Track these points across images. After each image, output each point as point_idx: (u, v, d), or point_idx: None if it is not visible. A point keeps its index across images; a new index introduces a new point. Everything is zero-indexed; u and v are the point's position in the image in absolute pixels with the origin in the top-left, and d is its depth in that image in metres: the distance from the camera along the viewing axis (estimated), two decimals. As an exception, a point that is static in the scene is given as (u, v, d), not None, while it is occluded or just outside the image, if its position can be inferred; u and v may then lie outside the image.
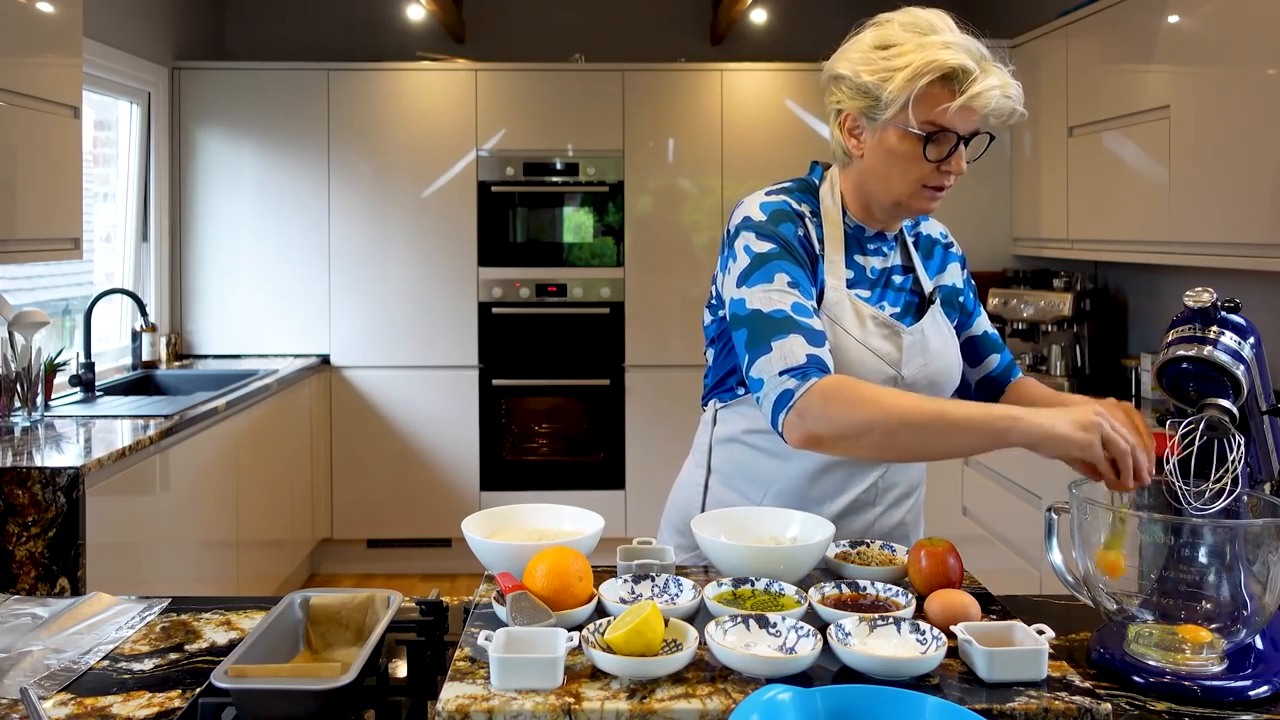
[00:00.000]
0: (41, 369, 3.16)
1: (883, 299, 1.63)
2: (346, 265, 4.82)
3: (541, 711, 1.03)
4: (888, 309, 1.62)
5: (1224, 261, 2.81)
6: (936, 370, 1.62)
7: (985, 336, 1.77)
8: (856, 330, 1.57)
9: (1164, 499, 1.28)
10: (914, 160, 1.52)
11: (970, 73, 1.46)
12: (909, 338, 1.60)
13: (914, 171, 1.54)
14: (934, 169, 1.53)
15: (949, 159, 1.51)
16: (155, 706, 1.18)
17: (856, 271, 1.62)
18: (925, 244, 1.74)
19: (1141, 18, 3.17)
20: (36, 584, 2.54)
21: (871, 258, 1.64)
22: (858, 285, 1.61)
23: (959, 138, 1.51)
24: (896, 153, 1.53)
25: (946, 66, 1.46)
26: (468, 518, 1.45)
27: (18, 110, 2.84)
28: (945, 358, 1.64)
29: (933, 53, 1.47)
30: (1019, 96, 1.51)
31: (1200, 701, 1.17)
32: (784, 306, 1.50)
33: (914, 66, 1.47)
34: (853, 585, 1.31)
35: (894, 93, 1.49)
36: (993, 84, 1.47)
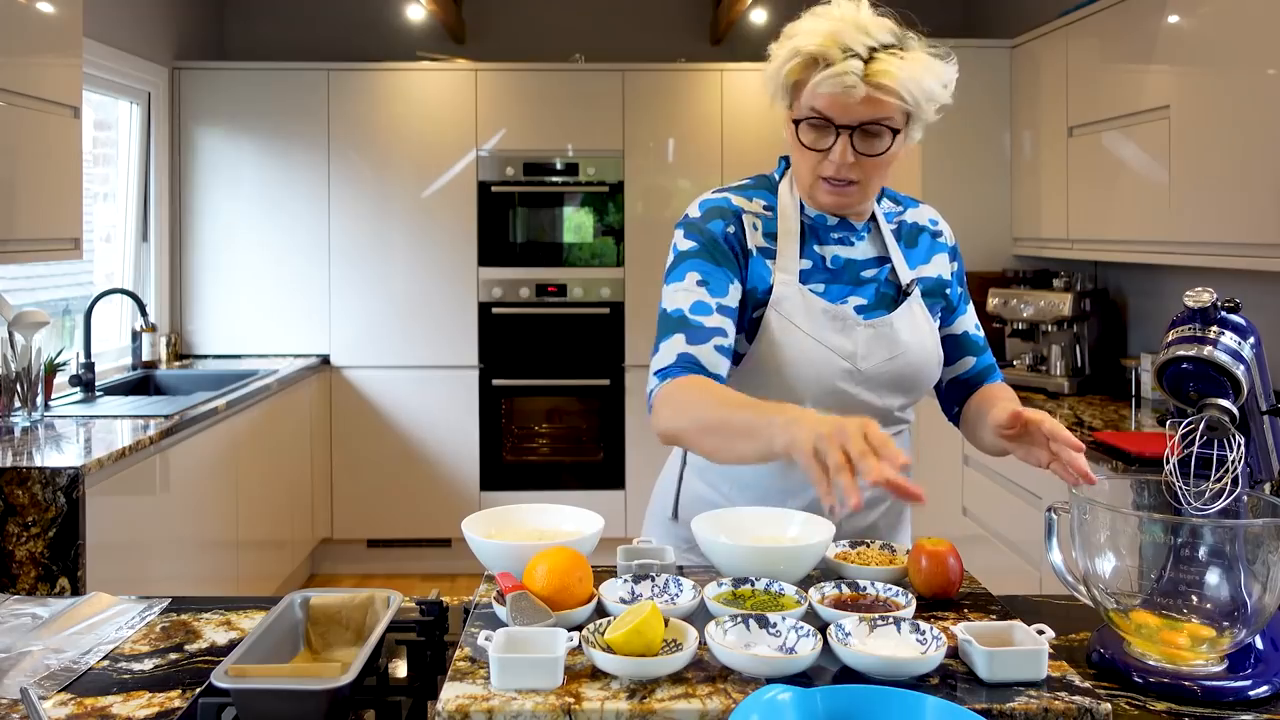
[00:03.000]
0: (41, 369, 3.16)
1: (850, 291, 1.58)
2: (346, 265, 4.82)
3: (541, 711, 1.03)
4: (853, 300, 1.57)
5: (1224, 261, 2.81)
6: (906, 365, 1.57)
7: (965, 337, 1.69)
8: (806, 324, 1.53)
9: (1164, 499, 1.28)
10: (799, 147, 1.52)
11: (828, 58, 1.43)
12: (868, 331, 1.55)
13: (805, 160, 1.52)
14: (820, 157, 1.49)
15: (832, 149, 1.48)
16: (155, 706, 1.18)
17: (815, 262, 1.58)
18: (909, 232, 1.66)
19: (1141, 18, 3.17)
20: (36, 584, 2.54)
21: (834, 247, 1.59)
22: (814, 278, 1.57)
23: (837, 127, 1.46)
24: (790, 141, 1.53)
25: (803, 53, 1.46)
26: (468, 518, 1.45)
27: (18, 110, 2.84)
28: (918, 352, 1.58)
29: (801, 40, 1.46)
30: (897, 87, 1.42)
31: (1200, 701, 1.17)
32: (682, 306, 1.51)
33: (782, 56, 1.48)
34: (853, 585, 1.31)
35: (774, 78, 1.51)
36: (846, 69, 1.41)
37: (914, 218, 1.68)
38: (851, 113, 1.45)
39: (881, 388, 1.57)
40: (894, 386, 1.58)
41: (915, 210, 1.70)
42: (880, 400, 1.58)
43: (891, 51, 1.45)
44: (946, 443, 3.96)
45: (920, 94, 1.45)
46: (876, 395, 1.57)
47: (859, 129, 1.47)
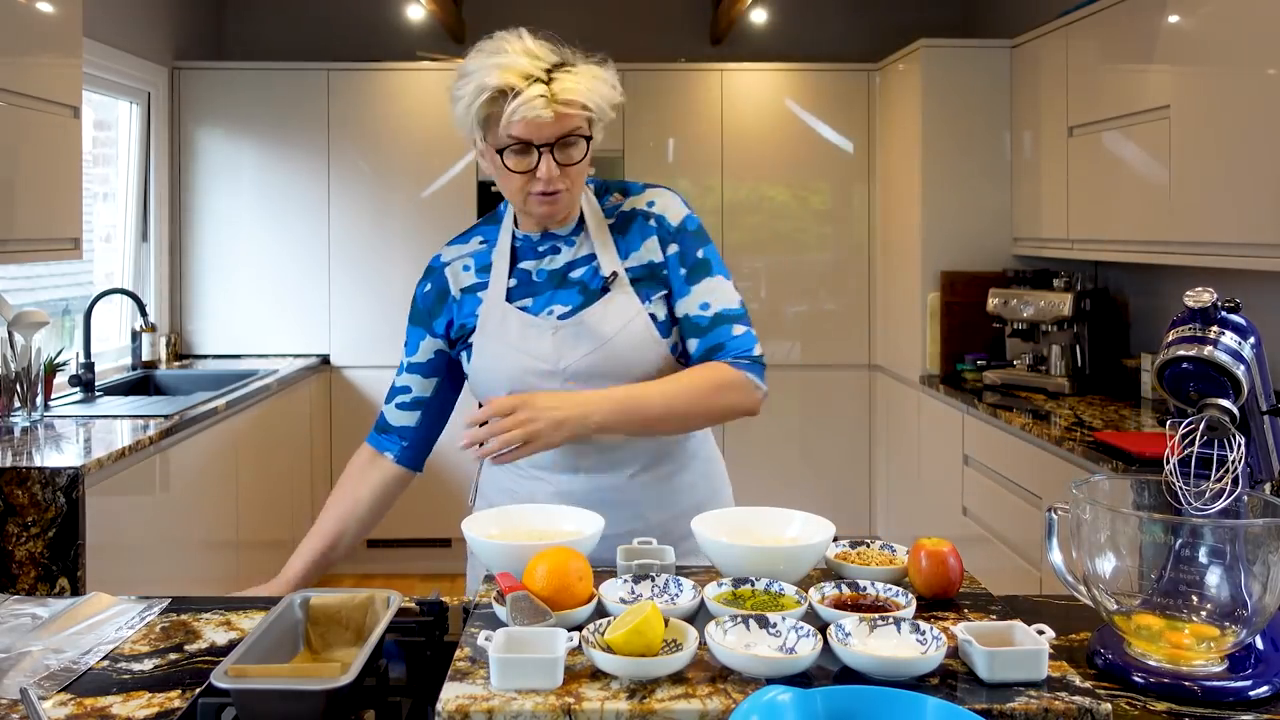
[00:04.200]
0: (41, 369, 3.16)
1: (555, 299, 1.69)
2: (346, 265, 4.82)
3: (541, 711, 1.03)
4: (558, 308, 1.68)
5: (1224, 261, 2.80)
6: (606, 356, 1.66)
7: (686, 320, 1.70)
8: (512, 337, 1.68)
9: (1164, 499, 1.28)
10: (507, 173, 1.62)
11: (515, 89, 1.55)
12: (563, 332, 1.67)
13: (512, 182, 1.63)
14: (528, 178, 1.61)
15: (538, 167, 1.59)
16: (155, 706, 1.18)
17: (520, 279, 1.72)
18: (624, 220, 1.73)
19: (1141, 18, 3.17)
20: (36, 584, 2.54)
21: (541, 260, 1.72)
22: (519, 294, 1.71)
23: (537, 147, 1.58)
24: (496, 168, 1.63)
25: (489, 88, 1.56)
26: (468, 518, 1.46)
27: (18, 110, 2.84)
28: (623, 339, 1.66)
29: (482, 76, 1.57)
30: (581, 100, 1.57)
31: (1200, 701, 1.17)
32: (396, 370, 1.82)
33: (467, 96, 1.58)
34: (853, 585, 1.31)
35: (463, 118, 1.61)
36: (534, 94, 1.54)
37: (632, 205, 1.75)
38: (546, 131, 1.58)
39: (590, 380, 1.66)
40: (601, 376, 1.66)
41: (638, 196, 1.76)
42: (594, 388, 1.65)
43: (564, 69, 1.59)
44: (946, 442, 3.96)
45: (601, 100, 1.61)
46: (589, 385, 1.66)
47: (557, 144, 1.59)
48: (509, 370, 1.69)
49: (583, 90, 1.58)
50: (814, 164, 4.96)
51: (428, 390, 1.80)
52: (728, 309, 1.70)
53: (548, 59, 1.59)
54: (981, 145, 4.24)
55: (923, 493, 4.25)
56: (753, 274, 4.96)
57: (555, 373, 1.66)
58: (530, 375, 1.67)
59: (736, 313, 1.70)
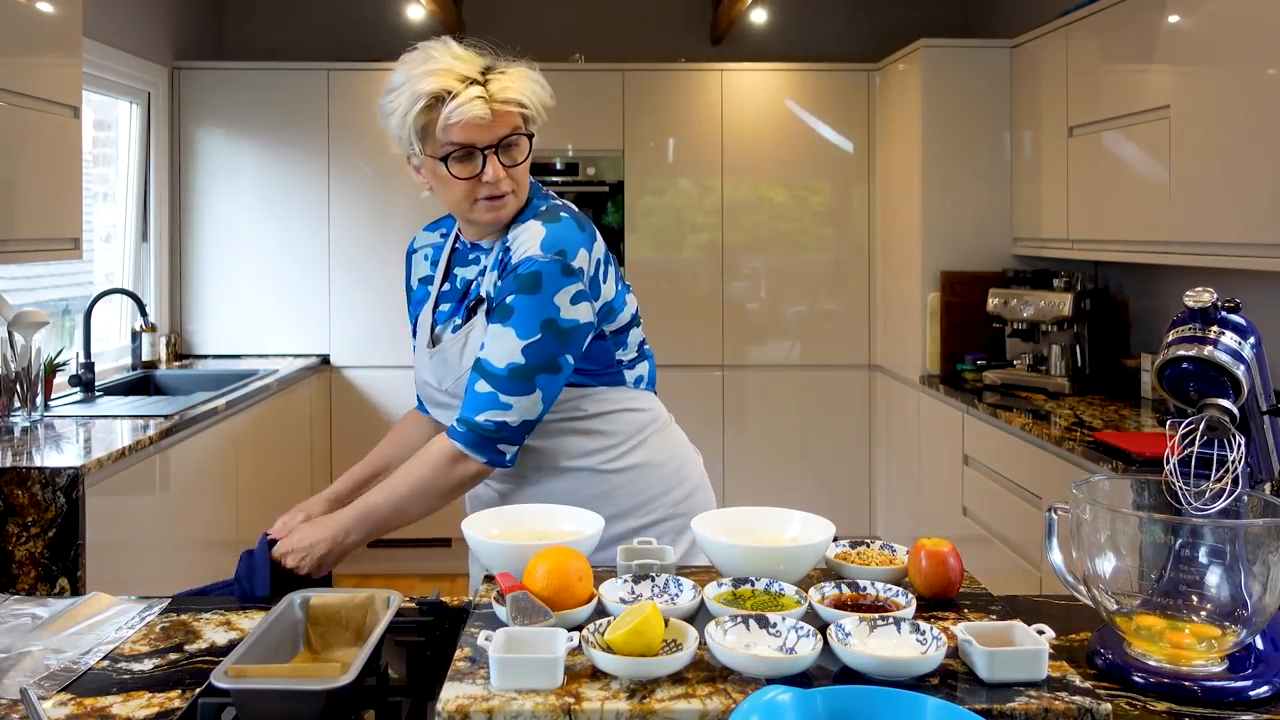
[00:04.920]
0: (41, 369, 3.16)
1: (454, 313, 1.73)
2: (346, 265, 4.82)
3: (541, 711, 1.03)
4: (455, 321, 1.71)
5: (1224, 261, 2.80)
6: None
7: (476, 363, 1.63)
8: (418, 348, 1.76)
9: (1164, 499, 1.28)
10: (451, 181, 1.60)
11: (451, 92, 1.54)
12: (436, 356, 1.70)
13: (458, 190, 1.61)
14: (475, 183, 1.59)
15: (484, 170, 1.58)
16: (155, 706, 1.18)
17: (451, 285, 1.75)
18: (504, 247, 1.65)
19: (1141, 18, 3.17)
20: (36, 584, 2.54)
21: (466, 268, 1.74)
22: (445, 299, 1.75)
23: (481, 150, 1.57)
24: (439, 177, 1.61)
25: (424, 94, 1.55)
26: (468, 518, 1.46)
27: (18, 110, 2.84)
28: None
29: (414, 85, 1.56)
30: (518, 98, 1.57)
31: (1200, 701, 1.17)
32: None
33: (402, 106, 1.56)
34: (853, 585, 1.31)
35: (399, 130, 1.59)
36: (471, 95, 1.54)
37: (513, 231, 1.65)
38: (487, 133, 1.57)
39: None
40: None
41: (520, 224, 1.65)
42: None
43: (496, 72, 1.60)
44: (946, 442, 3.96)
45: (536, 100, 1.61)
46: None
47: (500, 145, 1.58)
48: (419, 380, 1.77)
49: (519, 89, 1.59)
50: (814, 164, 4.96)
51: None
52: (488, 361, 1.59)
53: (478, 62, 1.60)
54: (981, 145, 4.24)
55: (923, 493, 4.25)
56: (752, 274, 4.96)
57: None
58: (428, 388, 1.75)
59: (492, 370, 1.58)
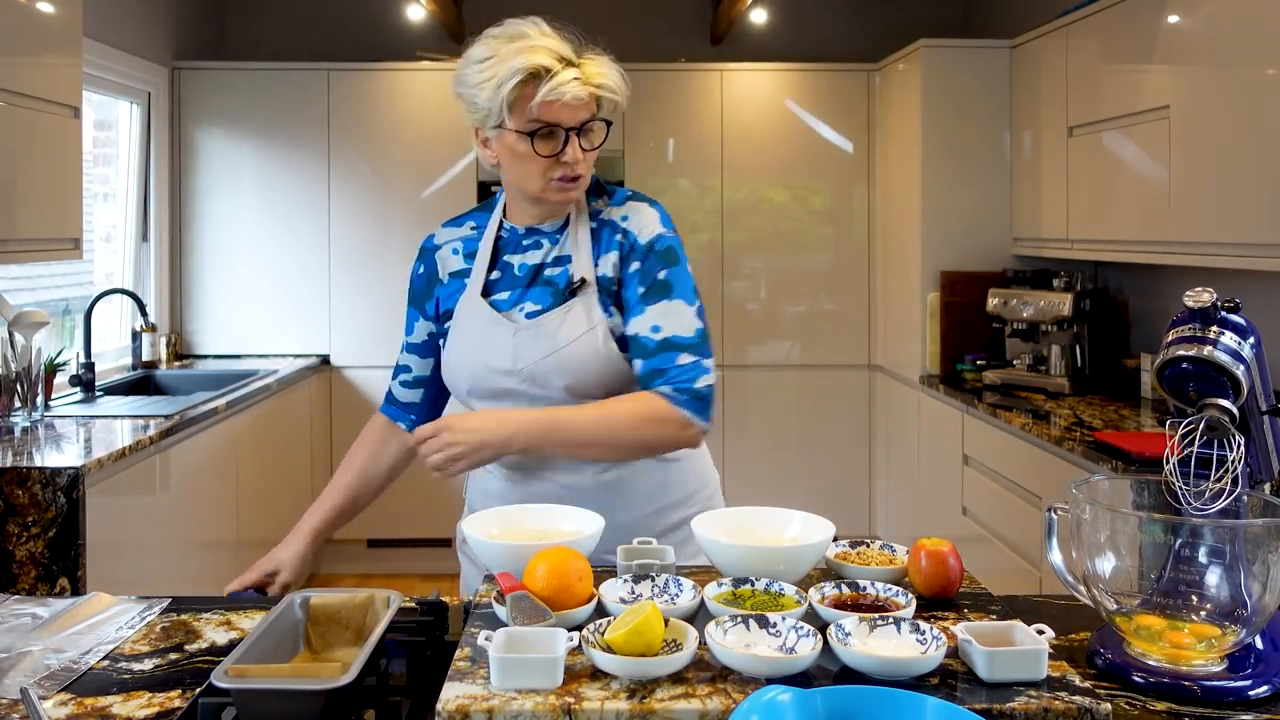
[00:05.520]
0: (41, 369, 3.16)
1: (527, 296, 1.71)
2: (346, 265, 4.82)
3: (541, 711, 1.03)
4: (528, 306, 1.70)
5: (1224, 261, 2.80)
6: (561, 360, 1.66)
7: (634, 339, 1.67)
8: (473, 330, 1.71)
9: (1164, 499, 1.28)
10: (530, 158, 1.63)
11: (550, 70, 1.57)
12: (526, 332, 1.68)
13: (535, 168, 1.64)
14: (553, 162, 1.63)
15: (564, 151, 1.61)
16: (155, 706, 1.18)
17: (505, 273, 1.74)
18: (600, 228, 1.73)
19: (1141, 18, 3.17)
20: (36, 584, 2.54)
21: (522, 255, 1.74)
22: (500, 286, 1.74)
23: (565, 130, 1.60)
24: (516, 153, 1.64)
25: (524, 69, 1.57)
26: (468, 518, 1.45)
27: (18, 110, 2.84)
28: (577, 347, 1.66)
29: (514, 59, 1.58)
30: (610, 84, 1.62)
31: (1200, 701, 1.17)
32: None
33: (499, 75, 1.59)
34: (853, 585, 1.31)
35: (489, 102, 1.61)
36: (569, 77, 1.58)
37: (610, 213, 1.74)
38: (576, 114, 1.61)
39: (545, 381, 1.67)
40: (556, 380, 1.67)
41: (618, 206, 1.75)
42: (545, 393, 1.68)
43: (586, 56, 1.64)
44: (946, 442, 3.96)
45: (623, 88, 1.65)
46: (541, 388, 1.68)
47: (582, 128, 1.63)
48: (471, 365, 1.71)
49: (608, 76, 1.63)
50: (814, 164, 4.96)
51: (426, 370, 1.85)
52: (679, 336, 1.65)
53: (569, 45, 1.63)
54: (981, 145, 4.24)
55: (923, 493, 4.25)
56: (752, 274, 4.96)
57: (512, 372, 1.68)
58: (489, 372, 1.70)
59: (687, 340, 1.65)
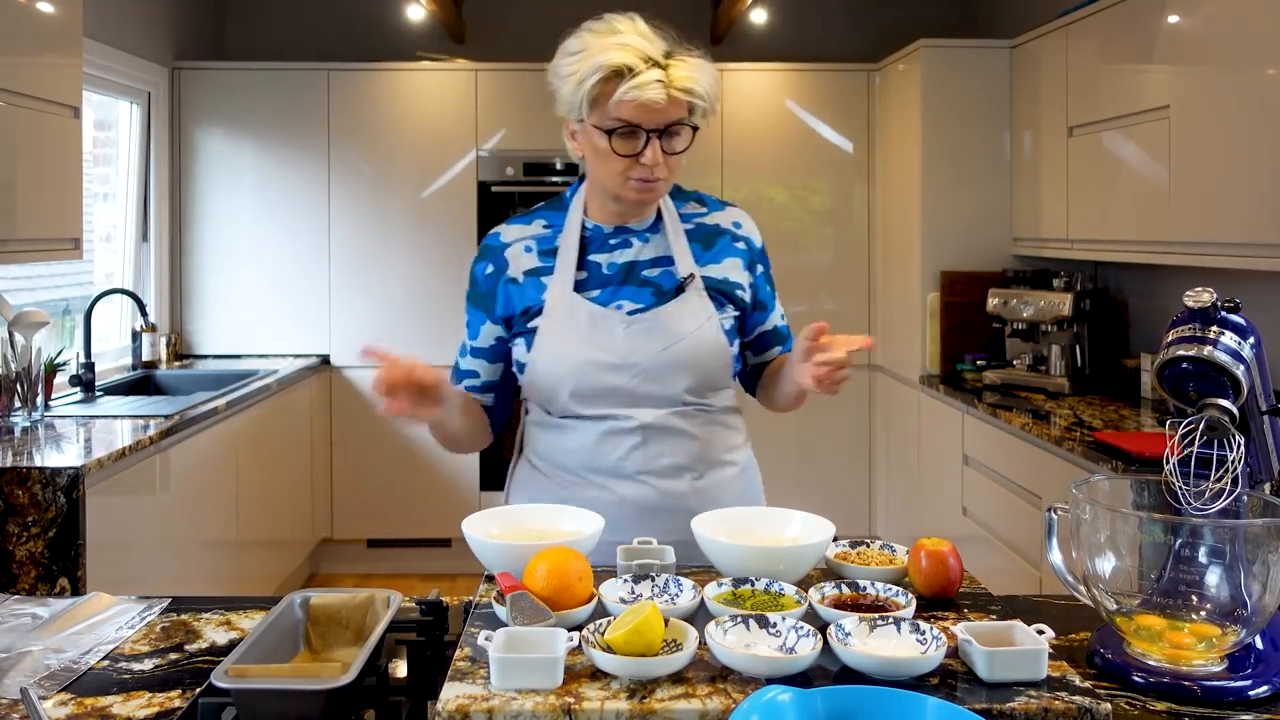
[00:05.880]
0: (41, 369, 3.16)
1: (624, 294, 1.70)
2: (347, 265, 4.82)
3: (541, 711, 1.03)
4: (626, 304, 1.69)
5: (1224, 261, 2.81)
6: (682, 352, 1.67)
7: (775, 331, 1.83)
8: (573, 328, 1.68)
9: (1164, 499, 1.28)
10: (609, 155, 1.62)
11: (632, 69, 1.55)
12: (635, 327, 1.67)
13: (614, 166, 1.63)
14: (631, 162, 1.61)
15: (643, 152, 1.59)
16: (155, 706, 1.18)
17: (592, 271, 1.72)
18: (704, 233, 1.76)
19: (1141, 18, 3.17)
20: (36, 584, 2.54)
21: (611, 254, 1.72)
22: (590, 285, 1.71)
23: (646, 131, 1.58)
24: (598, 149, 1.63)
25: (606, 67, 1.56)
26: (468, 518, 1.46)
27: (18, 110, 2.84)
28: (695, 340, 1.68)
29: (599, 55, 1.57)
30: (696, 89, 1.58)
31: (1200, 701, 1.17)
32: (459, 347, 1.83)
33: (582, 70, 1.58)
34: (853, 585, 1.31)
35: (572, 95, 1.61)
36: (651, 78, 1.55)
37: (716, 220, 1.79)
38: (657, 117, 1.58)
39: (661, 377, 1.68)
40: (674, 375, 1.68)
41: (720, 214, 1.80)
42: (662, 388, 1.69)
43: (678, 58, 1.60)
44: (946, 442, 3.96)
45: (712, 93, 1.61)
46: (657, 384, 1.69)
47: (664, 131, 1.60)
48: (573, 362, 1.67)
49: (696, 80, 1.59)
50: (814, 164, 4.96)
51: (496, 375, 1.81)
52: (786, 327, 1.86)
53: (661, 45, 1.60)
54: (981, 145, 4.24)
55: (923, 493, 4.25)
56: (753, 274, 4.95)
57: (624, 367, 1.66)
58: (596, 369, 1.67)
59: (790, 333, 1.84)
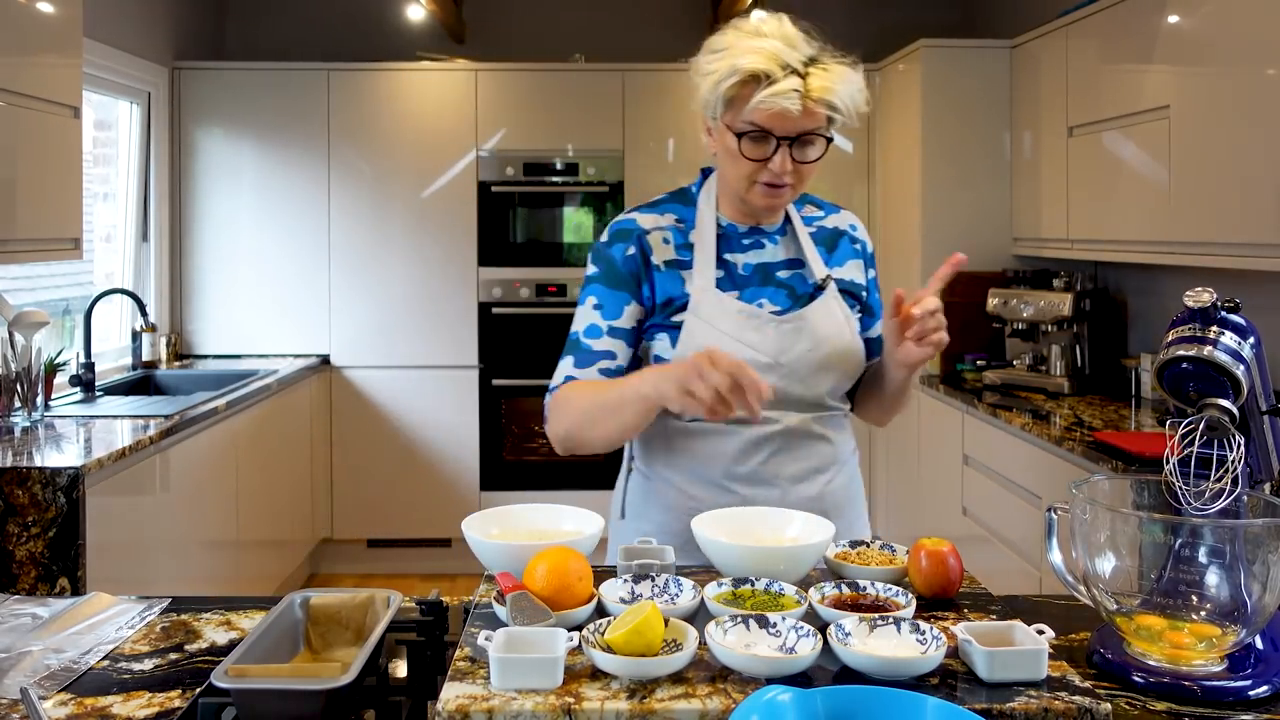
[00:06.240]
0: (41, 369, 3.16)
1: (761, 294, 1.68)
2: (346, 265, 4.82)
3: (541, 711, 1.03)
4: (767, 305, 1.67)
5: (1224, 261, 2.81)
6: (828, 355, 1.66)
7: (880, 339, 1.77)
8: (724, 325, 1.64)
9: (1164, 499, 1.28)
10: (739, 157, 1.60)
11: (770, 76, 1.52)
12: (783, 327, 1.65)
13: (742, 168, 1.60)
14: (759, 167, 1.59)
15: (772, 158, 1.57)
16: (155, 706, 1.18)
17: (727, 270, 1.69)
18: (826, 236, 1.77)
19: (1141, 18, 3.17)
20: (36, 584, 2.54)
21: (744, 254, 1.70)
22: (726, 284, 1.68)
23: (777, 138, 1.56)
24: (729, 150, 1.61)
25: (743, 71, 1.53)
26: (468, 518, 1.46)
27: (18, 110, 2.84)
28: (838, 342, 1.68)
29: (738, 57, 1.54)
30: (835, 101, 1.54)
31: (1200, 701, 1.17)
32: (578, 329, 1.69)
33: (720, 70, 1.56)
34: (853, 585, 1.31)
35: (709, 94, 1.58)
36: (788, 86, 1.51)
37: (834, 223, 1.79)
38: (790, 125, 1.55)
39: (807, 378, 1.66)
40: (819, 376, 1.67)
41: (836, 216, 1.80)
42: (808, 390, 1.67)
43: (820, 66, 1.56)
44: (946, 442, 3.96)
45: (851, 105, 1.57)
46: (803, 386, 1.66)
47: (797, 139, 1.57)
48: None
49: (836, 91, 1.55)
50: (814, 164, 4.95)
51: (628, 359, 1.70)
52: None
53: (804, 51, 1.56)
54: (981, 145, 4.24)
55: (923, 493, 4.25)
56: (753, 274, 4.96)
57: (774, 367, 1.63)
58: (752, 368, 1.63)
59: None
